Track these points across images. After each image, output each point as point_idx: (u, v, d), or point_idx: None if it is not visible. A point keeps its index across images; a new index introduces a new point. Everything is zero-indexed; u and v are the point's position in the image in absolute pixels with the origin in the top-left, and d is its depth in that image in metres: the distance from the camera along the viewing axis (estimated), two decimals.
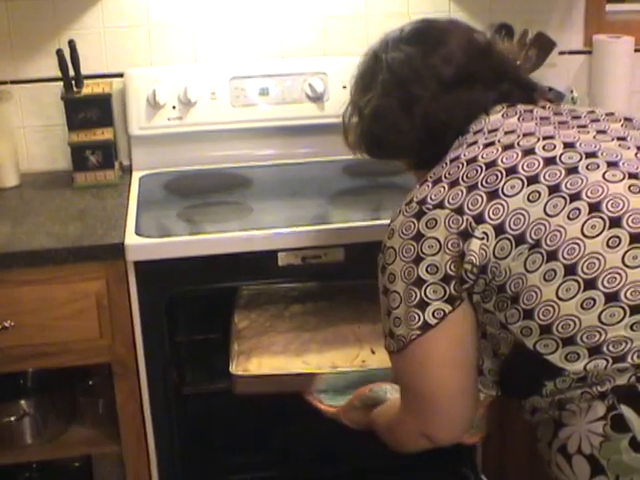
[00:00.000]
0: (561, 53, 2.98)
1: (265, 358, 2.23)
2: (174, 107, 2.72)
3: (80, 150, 2.66)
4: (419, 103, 1.68)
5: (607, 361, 1.41)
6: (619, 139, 1.58)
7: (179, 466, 2.40)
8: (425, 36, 1.74)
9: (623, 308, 1.39)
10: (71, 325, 2.22)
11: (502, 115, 1.66)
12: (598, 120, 1.65)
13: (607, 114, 1.69)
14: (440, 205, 1.51)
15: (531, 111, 1.67)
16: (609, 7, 3.09)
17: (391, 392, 1.95)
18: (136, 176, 2.74)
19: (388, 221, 2.19)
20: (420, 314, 1.52)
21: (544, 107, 1.71)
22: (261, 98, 2.77)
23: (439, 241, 1.49)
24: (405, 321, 1.54)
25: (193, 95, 2.70)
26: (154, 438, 2.35)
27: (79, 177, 2.66)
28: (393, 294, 1.56)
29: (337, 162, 2.68)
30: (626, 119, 1.68)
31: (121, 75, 2.76)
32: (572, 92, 2.90)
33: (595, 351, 1.41)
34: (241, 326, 2.37)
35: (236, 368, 2.20)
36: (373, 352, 2.23)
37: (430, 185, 1.56)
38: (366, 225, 2.26)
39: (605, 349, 1.41)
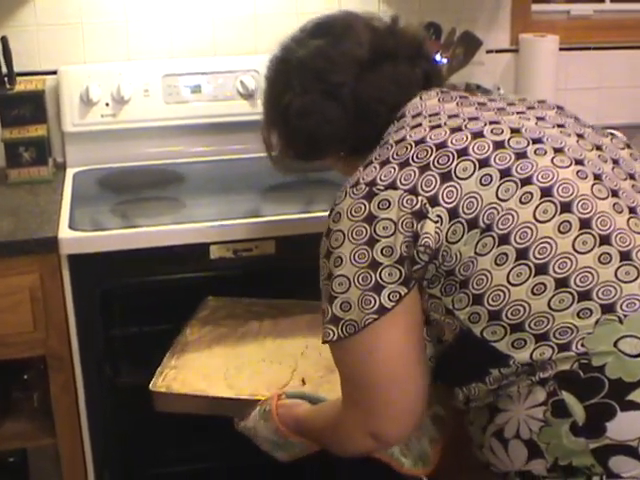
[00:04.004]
0: (488, 52, 3.05)
1: (192, 377, 2.14)
2: (107, 104, 2.74)
3: (13, 147, 2.66)
4: (344, 89, 1.66)
5: (553, 349, 1.41)
6: (559, 126, 1.59)
7: (115, 458, 2.42)
8: (329, 27, 1.73)
9: (572, 294, 1.40)
10: (5, 319, 2.22)
11: (438, 100, 1.64)
12: (533, 107, 1.66)
13: (539, 101, 1.70)
14: (392, 185, 1.48)
15: (466, 97, 1.67)
16: (535, 7, 3.18)
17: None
18: (70, 172, 2.75)
19: (319, 214, 2.25)
20: (376, 297, 1.47)
21: (475, 94, 1.72)
22: (194, 95, 2.80)
23: (393, 222, 1.46)
24: (359, 305, 1.48)
25: (126, 92, 2.72)
26: (89, 431, 2.36)
27: (12, 173, 2.67)
28: (339, 278, 1.49)
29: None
30: (558, 107, 1.70)
31: (54, 72, 2.77)
32: (499, 89, 2.96)
33: (541, 338, 1.42)
34: (191, 339, 2.32)
35: (160, 384, 2.10)
36: (303, 382, 2.10)
37: (377, 166, 1.52)
38: (296, 218, 2.30)
39: (552, 336, 1.41)
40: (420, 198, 1.46)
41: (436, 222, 1.45)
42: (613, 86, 3.24)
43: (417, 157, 1.50)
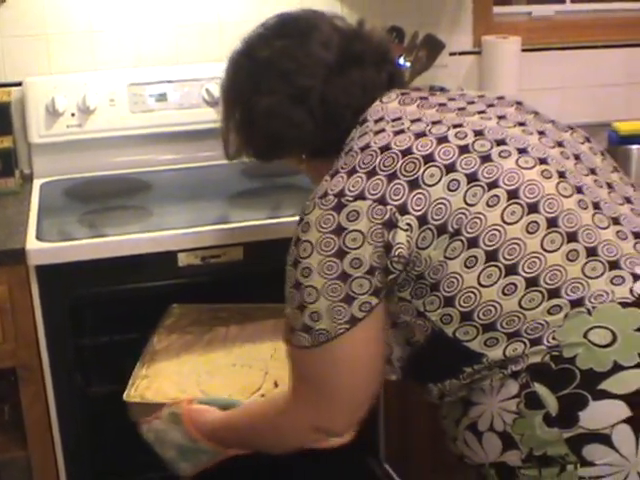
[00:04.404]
0: (451, 54, 3.07)
1: (165, 385, 2.15)
2: (73, 114, 2.74)
3: None
4: (312, 92, 1.64)
5: (525, 344, 1.44)
6: (520, 124, 1.60)
7: (87, 468, 2.41)
8: (293, 26, 1.71)
9: (542, 293, 1.43)
10: None
11: (399, 102, 1.65)
12: (493, 104, 1.67)
13: (498, 98, 1.71)
14: (361, 196, 1.48)
15: (426, 98, 1.67)
16: (496, 9, 3.20)
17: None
18: (37, 183, 2.75)
19: (286, 219, 2.26)
20: (347, 308, 1.50)
21: (434, 94, 1.71)
22: (159, 104, 2.81)
23: (362, 233, 1.47)
24: (328, 316, 1.51)
25: (92, 102, 2.72)
26: (61, 441, 2.36)
27: None
28: (308, 289, 1.51)
29: (235, 165, 2.69)
30: (517, 102, 1.71)
31: (20, 84, 2.76)
32: (463, 91, 2.97)
33: (513, 335, 1.45)
34: (159, 347, 2.32)
35: (134, 394, 2.12)
36: (276, 385, 2.13)
37: (345, 176, 1.52)
38: (264, 224, 2.31)
39: (523, 333, 1.44)
40: (389, 207, 1.47)
41: (406, 230, 1.46)
42: (575, 86, 3.27)
43: (384, 165, 1.51)
